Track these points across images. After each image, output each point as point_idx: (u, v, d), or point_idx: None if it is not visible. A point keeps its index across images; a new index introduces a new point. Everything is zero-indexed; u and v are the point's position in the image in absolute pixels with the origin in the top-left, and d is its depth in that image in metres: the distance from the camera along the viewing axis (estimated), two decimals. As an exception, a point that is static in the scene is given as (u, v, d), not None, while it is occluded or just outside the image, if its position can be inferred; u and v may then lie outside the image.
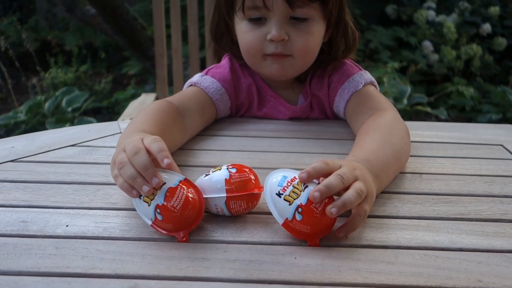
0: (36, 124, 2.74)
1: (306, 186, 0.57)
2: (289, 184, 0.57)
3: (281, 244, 0.56)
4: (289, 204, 0.56)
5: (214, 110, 0.93)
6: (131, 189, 0.58)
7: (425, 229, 0.60)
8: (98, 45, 3.77)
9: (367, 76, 0.93)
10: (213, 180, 0.60)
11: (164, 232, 0.57)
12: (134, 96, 2.99)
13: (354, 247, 0.56)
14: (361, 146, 0.73)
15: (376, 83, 0.94)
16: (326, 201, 0.56)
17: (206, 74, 0.95)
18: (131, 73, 3.54)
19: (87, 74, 3.46)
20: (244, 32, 0.88)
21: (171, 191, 0.57)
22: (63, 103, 2.86)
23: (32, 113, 2.79)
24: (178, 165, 0.62)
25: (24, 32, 3.52)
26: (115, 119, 1.64)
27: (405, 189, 0.70)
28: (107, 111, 3.03)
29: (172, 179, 0.58)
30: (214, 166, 0.63)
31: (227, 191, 0.59)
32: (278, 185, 0.57)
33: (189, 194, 0.57)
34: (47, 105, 2.84)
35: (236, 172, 0.60)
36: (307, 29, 0.86)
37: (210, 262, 0.52)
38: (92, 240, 0.56)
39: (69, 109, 2.83)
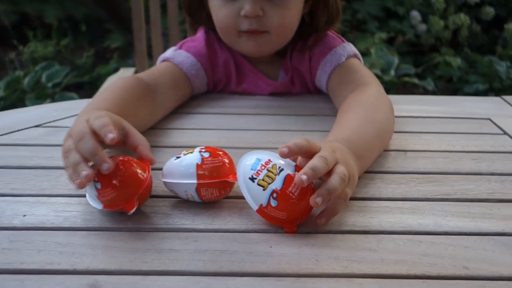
0: (15, 100, 2.66)
1: (281, 170, 0.53)
2: (263, 167, 0.53)
3: (255, 231, 0.52)
4: (263, 189, 0.52)
5: (189, 87, 0.88)
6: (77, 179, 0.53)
7: (409, 211, 0.56)
8: (79, 18, 3.65)
9: (350, 48, 0.88)
10: (183, 164, 0.56)
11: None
12: (117, 70, 2.91)
13: (333, 233, 0.52)
14: (342, 125, 0.68)
15: (359, 55, 0.90)
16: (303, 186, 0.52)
17: (180, 48, 0.89)
18: (113, 46, 3.44)
19: (68, 48, 3.36)
20: (217, 7, 0.82)
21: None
22: (43, 79, 2.79)
23: (11, 89, 2.71)
24: (152, 146, 0.58)
25: (1, 5, 3.39)
26: (96, 95, 1.58)
27: (389, 168, 0.66)
28: (89, 86, 2.94)
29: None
30: (187, 148, 0.59)
31: (199, 177, 0.55)
32: (251, 169, 0.53)
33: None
34: (26, 80, 2.77)
35: (209, 157, 0.56)
36: (283, 3, 0.80)
37: (178, 253, 0.48)
38: (51, 231, 0.52)
39: (50, 84, 2.75)
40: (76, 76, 2.95)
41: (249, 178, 0.53)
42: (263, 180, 0.52)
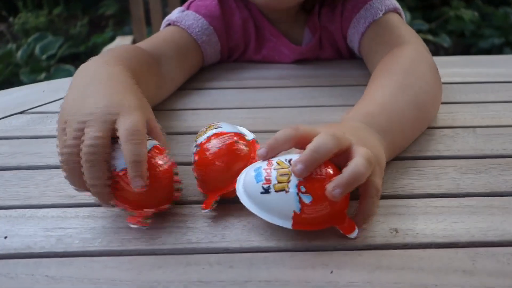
0: (9, 75, 2.54)
1: (291, 159, 0.40)
2: (268, 171, 0.40)
3: (307, 249, 0.40)
4: (286, 193, 0.39)
5: (200, 56, 0.73)
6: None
7: (501, 212, 0.43)
8: (71, -16, 3.47)
9: (389, 1, 0.73)
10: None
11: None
12: (113, 38, 2.77)
13: (409, 247, 0.40)
14: (366, 97, 0.55)
15: (401, 10, 0.74)
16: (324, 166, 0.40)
17: (187, 8, 0.74)
18: (108, 13, 3.28)
19: (61, 17, 3.20)
20: None
21: None
22: (37, 51, 2.67)
23: (4, 64, 2.58)
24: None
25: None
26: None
27: (459, 152, 0.53)
28: (86, 57, 2.78)
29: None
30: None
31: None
32: (257, 182, 0.40)
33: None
34: (19, 53, 2.65)
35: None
36: None
37: (209, 287, 0.36)
38: (41, 259, 0.39)
39: (44, 57, 2.63)
40: (71, 46, 2.81)
41: (262, 193, 0.39)
42: (278, 183, 0.39)
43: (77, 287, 0.36)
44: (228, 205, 0.44)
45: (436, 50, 2.78)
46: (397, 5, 0.74)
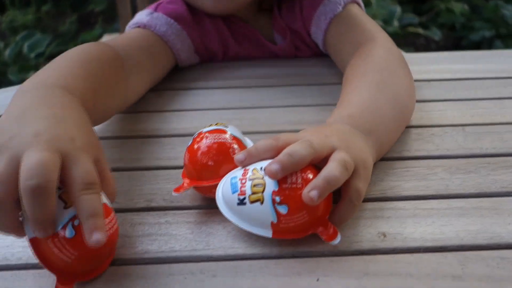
0: (-4, 74, 2.51)
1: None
2: (243, 181, 0.39)
3: (293, 255, 0.39)
4: (261, 203, 0.38)
5: (171, 55, 0.71)
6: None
7: (491, 213, 0.43)
8: (59, -19, 3.43)
9: None
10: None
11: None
12: (102, 35, 2.74)
13: (397, 252, 0.39)
14: (344, 99, 0.54)
15: (360, 0, 0.73)
16: (300, 172, 0.39)
17: (155, 10, 0.71)
18: (97, 10, 3.25)
19: (50, 14, 3.17)
20: None
21: None
22: (25, 49, 2.65)
23: (-8, 62, 2.56)
24: (144, 136, 0.42)
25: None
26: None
27: (448, 151, 0.52)
28: (74, 54, 2.77)
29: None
30: (191, 134, 0.46)
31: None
32: (233, 193, 0.39)
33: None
34: (7, 52, 2.63)
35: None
36: None
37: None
38: (18, 271, 0.38)
39: (32, 55, 2.60)
40: (60, 44, 2.78)
41: (238, 204, 0.39)
42: (253, 194, 0.38)
43: (54, 300, 0.35)
44: (211, 211, 0.43)
45: (427, 43, 2.77)
46: None
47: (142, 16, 0.71)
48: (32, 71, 2.43)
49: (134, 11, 1.47)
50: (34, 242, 0.35)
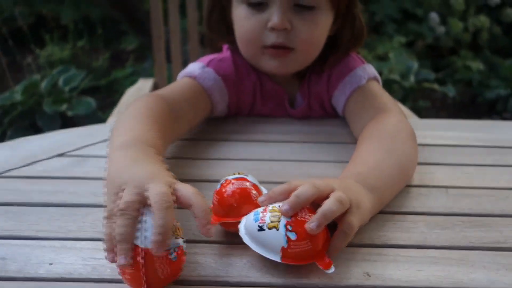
0: (33, 104, 2.65)
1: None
2: (264, 213, 0.51)
3: (294, 286, 0.49)
4: (276, 229, 0.49)
5: (210, 111, 0.84)
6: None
7: (458, 263, 0.52)
8: (94, 19, 3.64)
9: (370, 70, 0.85)
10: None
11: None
12: (133, 74, 2.89)
13: (378, 289, 0.49)
14: (356, 159, 0.66)
15: (379, 78, 0.86)
16: (307, 209, 0.51)
17: (207, 65, 0.84)
18: (129, 48, 3.43)
19: (84, 50, 3.35)
20: (242, 18, 0.78)
21: None
22: (60, 82, 2.78)
23: (29, 93, 2.70)
24: (178, 179, 0.54)
25: (17, 7, 3.39)
26: (114, 98, 1.55)
27: (431, 209, 0.62)
28: (106, 90, 2.93)
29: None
30: (216, 180, 0.58)
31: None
32: (255, 221, 0.51)
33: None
34: (43, 84, 2.75)
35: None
36: (312, 18, 0.77)
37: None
38: (79, 283, 0.49)
39: (67, 88, 2.74)
40: (93, 79, 2.94)
41: (257, 230, 0.50)
42: (271, 222, 0.50)
43: (109, 307, 0.46)
44: (232, 246, 0.54)
45: (444, 98, 2.88)
46: (376, 73, 0.85)
47: (195, 68, 0.84)
48: (66, 103, 2.57)
49: (168, 51, 1.61)
50: (146, 253, 0.45)
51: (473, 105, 2.83)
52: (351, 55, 0.86)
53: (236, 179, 0.57)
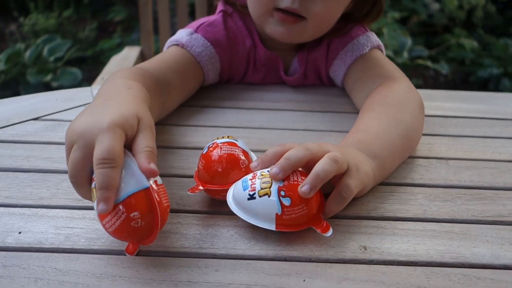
0: (16, 74, 2.59)
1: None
2: (253, 180, 0.47)
3: (285, 259, 0.45)
4: (268, 196, 0.45)
5: (202, 80, 0.78)
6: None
7: (460, 237, 0.49)
8: (81, -12, 3.53)
9: (374, 38, 0.80)
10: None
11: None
12: (120, 45, 2.81)
13: (375, 263, 0.45)
14: (358, 127, 0.61)
15: (383, 47, 0.81)
16: (300, 173, 0.47)
17: (196, 31, 0.78)
18: (117, 19, 3.34)
19: (70, 20, 3.26)
20: None
21: None
22: (45, 52, 2.71)
23: (12, 62, 2.63)
24: (161, 146, 0.49)
25: (1, -26, 3.27)
26: (100, 70, 1.50)
27: (431, 180, 0.59)
28: (92, 61, 2.85)
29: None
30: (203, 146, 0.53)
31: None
32: (244, 190, 0.47)
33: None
34: (27, 54, 2.69)
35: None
36: None
37: (197, 286, 0.42)
38: (50, 254, 0.45)
39: (51, 58, 2.67)
40: (79, 50, 2.86)
41: (248, 199, 0.46)
42: (262, 189, 0.46)
43: (81, 280, 0.42)
44: (217, 216, 0.50)
45: (436, 76, 2.84)
46: (380, 42, 0.80)
47: (182, 35, 0.77)
48: (50, 73, 2.50)
49: (155, 22, 1.55)
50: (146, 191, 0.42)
51: (465, 84, 2.80)
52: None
53: (225, 143, 0.52)
